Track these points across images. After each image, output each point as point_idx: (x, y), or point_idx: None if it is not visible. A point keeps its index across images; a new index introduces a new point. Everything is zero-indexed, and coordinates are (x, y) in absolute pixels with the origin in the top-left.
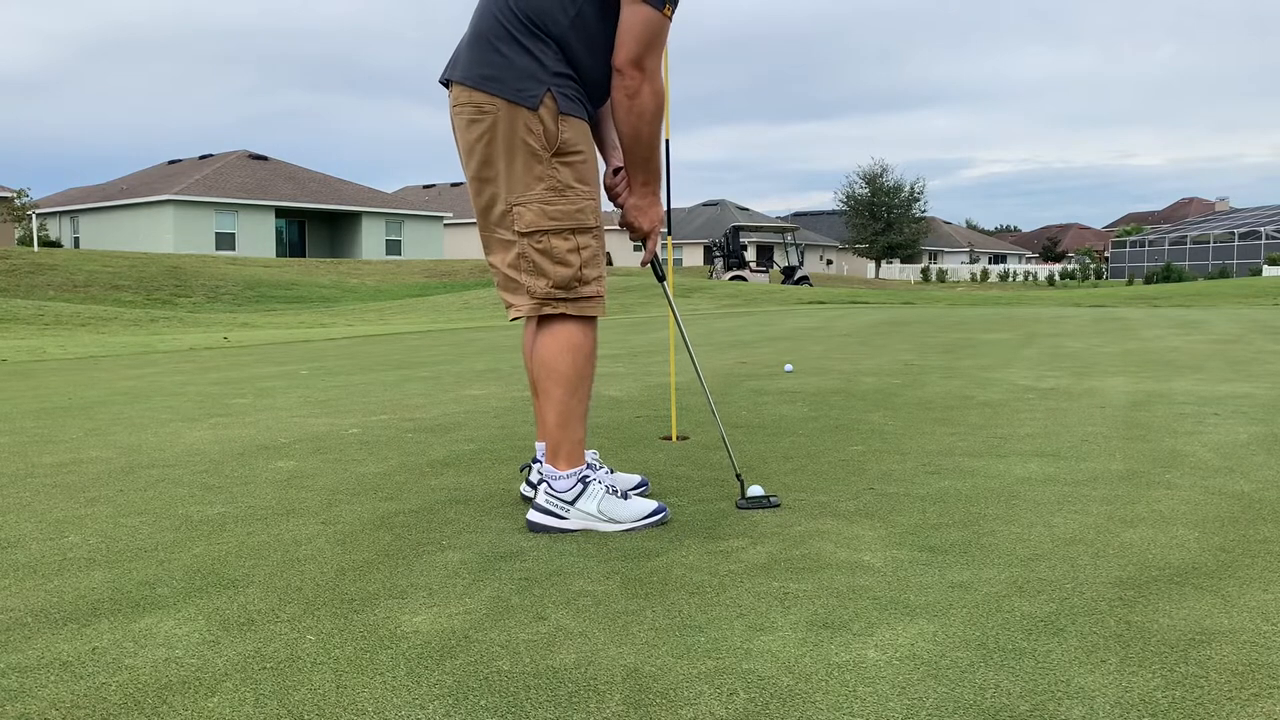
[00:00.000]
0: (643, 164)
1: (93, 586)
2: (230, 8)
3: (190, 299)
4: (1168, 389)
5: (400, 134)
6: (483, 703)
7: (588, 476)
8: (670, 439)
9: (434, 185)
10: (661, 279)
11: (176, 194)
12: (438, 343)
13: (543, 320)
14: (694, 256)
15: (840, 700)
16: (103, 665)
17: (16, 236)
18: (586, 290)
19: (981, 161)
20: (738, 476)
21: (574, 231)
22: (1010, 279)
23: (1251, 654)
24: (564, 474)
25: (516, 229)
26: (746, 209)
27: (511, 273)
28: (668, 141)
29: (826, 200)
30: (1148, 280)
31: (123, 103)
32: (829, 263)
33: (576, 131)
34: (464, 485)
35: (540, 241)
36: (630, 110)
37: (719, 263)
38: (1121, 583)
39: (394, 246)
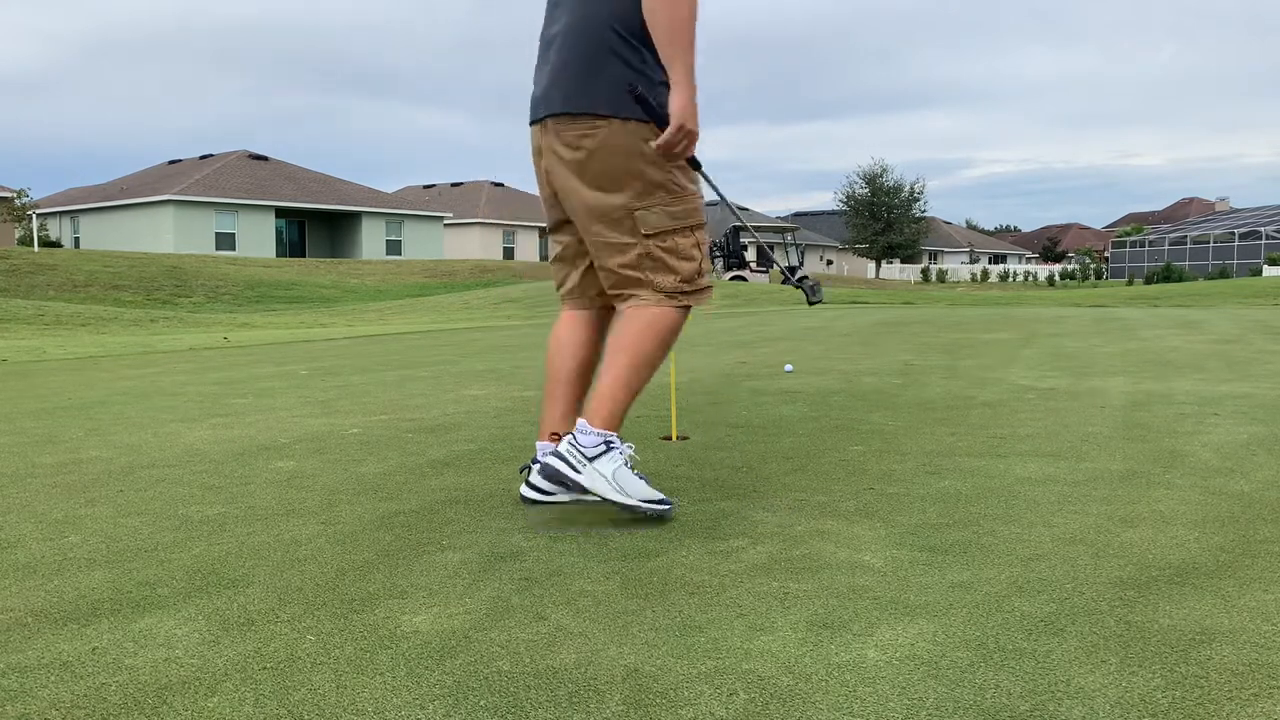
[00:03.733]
0: (686, 50)
1: (93, 586)
2: (231, 8)
3: (190, 299)
4: (1168, 389)
5: (400, 134)
6: (483, 703)
7: (613, 443)
8: (670, 439)
9: (434, 185)
10: (698, 167)
11: (176, 194)
12: (438, 343)
13: (634, 311)
14: None
15: (840, 700)
16: (103, 665)
17: (16, 236)
18: (702, 281)
19: (981, 161)
20: (796, 285)
21: (692, 228)
22: (1010, 279)
23: (1251, 654)
24: (594, 430)
25: (642, 231)
26: (746, 209)
27: (631, 272)
28: None
29: (826, 200)
30: (1148, 280)
31: (123, 103)
32: (829, 263)
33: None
34: (464, 485)
35: (666, 241)
36: (661, 17)
37: (719, 263)
38: (1121, 583)
39: (394, 246)
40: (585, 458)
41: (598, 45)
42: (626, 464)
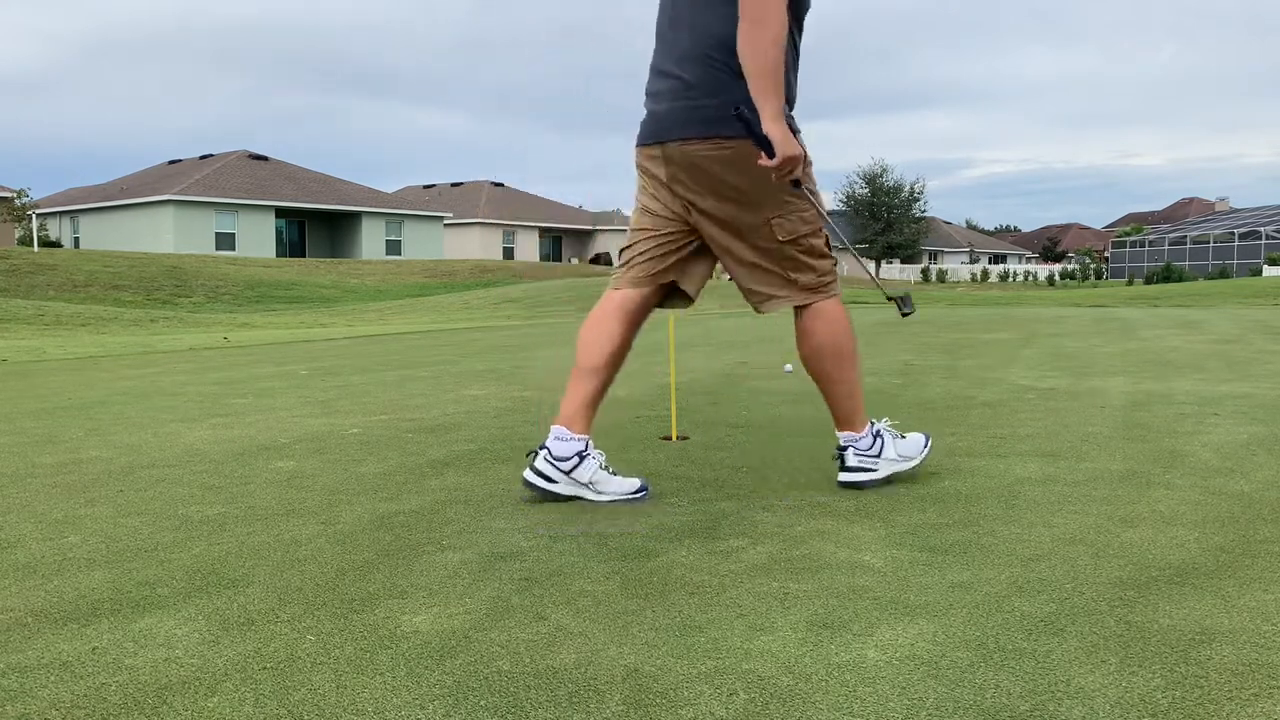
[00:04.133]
0: (774, 90)
1: (93, 586)
2: (231, 8)
3: (190, 299)
4: (1168, 389)
5: (400, 134)
6: (483, 703)
7: (879, 430)
8: (670, 439)
9: (434, 185)
10: (797, 186)
11: (176, 194)
12: (438, 343)
13: (804, 311)
14: None
15: (840, 700)
16: (103, 665)
17: (16, 236)
18: (834, 270)
19: (981, 161)
20: (889, 298)
21: (820, 229)
22: (1010, 279)
23: (1251, 654)
24: (863, 434)
25: (779, 238)
26: None
27: (776, 270)
28: None
29: (826, 200)
30: (1148, 280)
31: (123, 103)
32: None
33: (802, 143)
34: (464, 485)
35: (802, 244)
36: (760, 37)
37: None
38: (1121, 583)
39: (394, 246)
40: (873, 457)
41: (721, 67)
42: (894, 435)
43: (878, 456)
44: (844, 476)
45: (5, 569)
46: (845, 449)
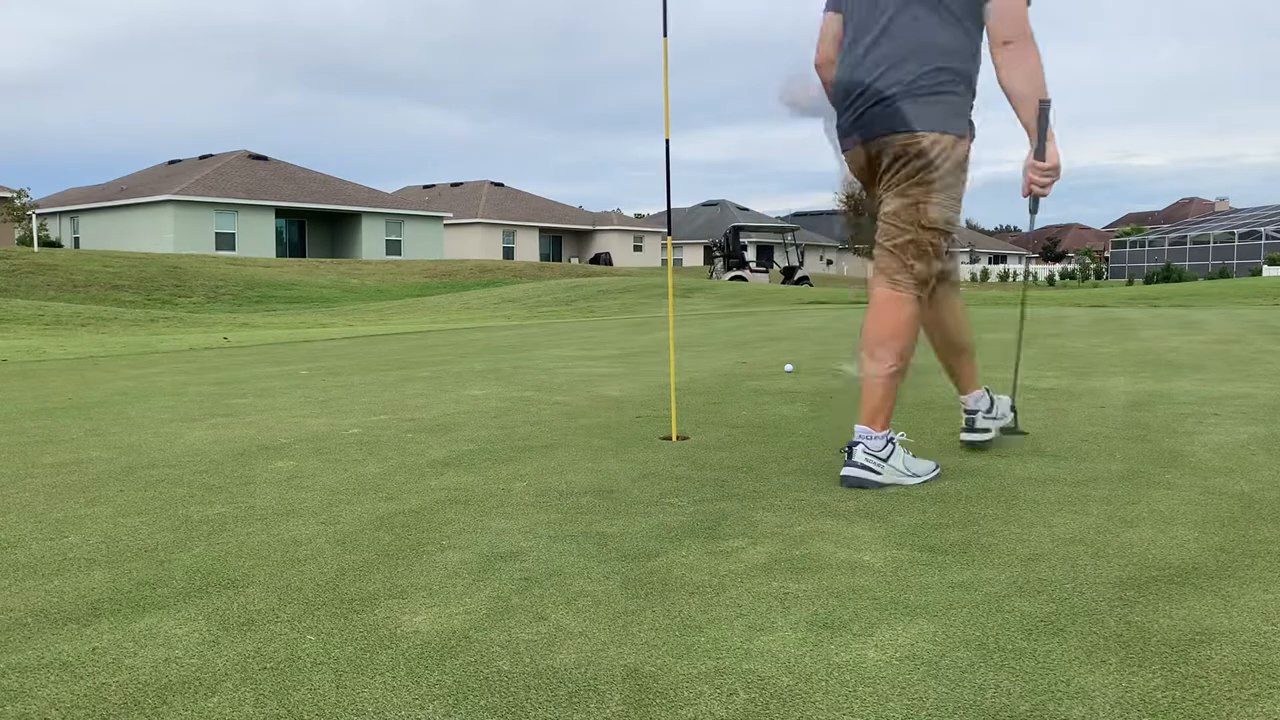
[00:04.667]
0: (1040, 116)
1: (93, 586)
2: (231, 8)
3: (190, 299)
4: (1168, 389)
5: (400, 134)
6: (483, 703)
7: (893, 438)
8: (670, 439)
9: (434, 185)
10: (1033, 211)
11: (176, 194)
12: (438, 343)
13: (896, 296)
14: (694, 256)
15: (840, 700)
16: (103, 665)
17: (16, 236)
18: (940, 277)
19: (983, 161)
20: (1012, 408)
21: (953, 231)
22: (1010, 279)
23: (1251, 654)
24: (879, 435)
25: (923, 222)
26: (746, 209)
27: (900, 255)
28: (667, 141)
29: (827, 200)
30: (1148, 280)
31: (123, 103)
32: (829, 263)
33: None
34: (464, 485)
35: (937, 238)
36: (1026, 71)
37: (719, 263)
38: (1121, 583)
39: (394, 246)
40: (881, 460)
41: (920, 72)
42: (907, 451)
43: (884, 461)
44: (848, 471)
45: (5, 569)
46: (856, 444)
